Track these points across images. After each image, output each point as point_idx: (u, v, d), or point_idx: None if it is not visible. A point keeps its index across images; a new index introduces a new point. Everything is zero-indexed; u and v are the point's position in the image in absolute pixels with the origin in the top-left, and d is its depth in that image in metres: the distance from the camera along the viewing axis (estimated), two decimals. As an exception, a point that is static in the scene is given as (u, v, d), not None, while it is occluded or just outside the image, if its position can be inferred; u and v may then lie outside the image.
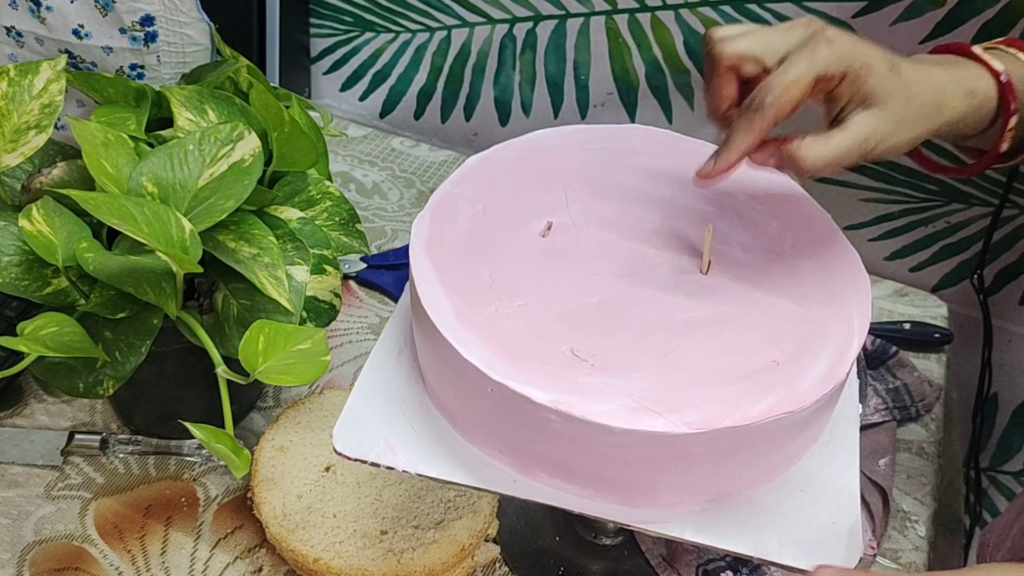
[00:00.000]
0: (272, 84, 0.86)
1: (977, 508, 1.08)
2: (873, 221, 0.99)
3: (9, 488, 0.70)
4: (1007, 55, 0.58)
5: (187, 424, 0.54)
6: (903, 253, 1.00)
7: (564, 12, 1.00)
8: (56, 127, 0.63)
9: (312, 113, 0.74)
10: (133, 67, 0.78)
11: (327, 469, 0.68)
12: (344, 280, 0.80)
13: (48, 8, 0.75)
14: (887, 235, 1.00)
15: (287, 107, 0.65)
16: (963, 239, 0.96)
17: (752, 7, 0.92)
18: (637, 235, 0.56)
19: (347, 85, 1.17)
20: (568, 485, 0.49)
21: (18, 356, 0.69)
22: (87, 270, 0.57)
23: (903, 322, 0.90)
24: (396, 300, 0.85)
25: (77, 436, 0.72)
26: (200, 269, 0.57)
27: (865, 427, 0.78)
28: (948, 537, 0.80)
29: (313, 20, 1.13)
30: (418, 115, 1.15)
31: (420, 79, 1.12)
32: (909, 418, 0.82)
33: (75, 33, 0.76)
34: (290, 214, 0.66)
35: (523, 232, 0.55)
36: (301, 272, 0.63)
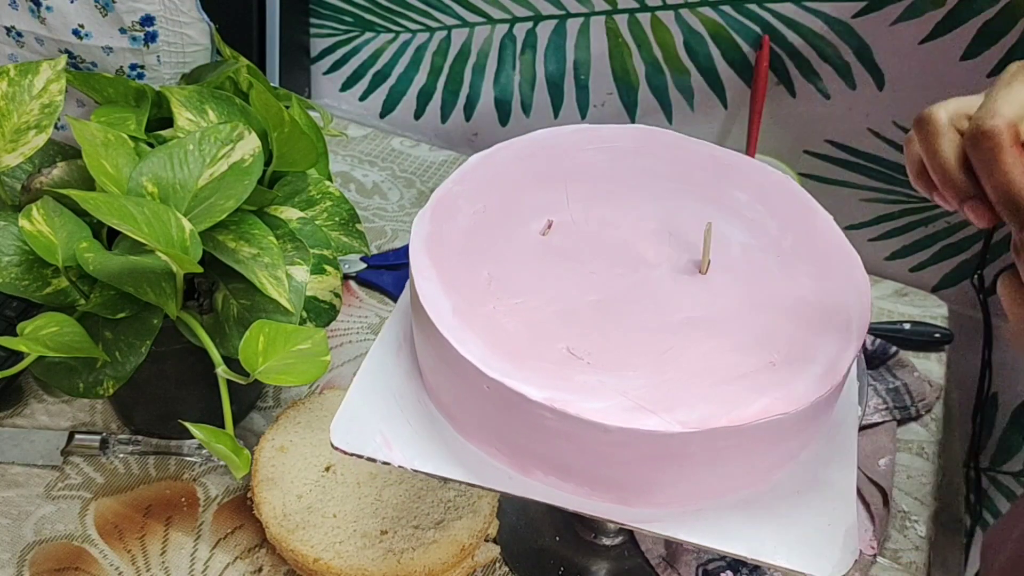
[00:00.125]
0: (272, 84, 0.87)
1: (977, 508, 1.08)
2: (873, 221, 0.99)
3: (9, 488, 0.70)
4: None
5: (187, 424, 0.54)
6: (903, 253, 1.00)
7: (564, 12, 1.00)
8: (56, 127, 0.63)
9: (312, 113, 0.74)
10: (133, 67, 0.78)
11: (327, 469, 0.68)
12: (344, 280, 0.80)
13: (48, 8, 0.75)
14: (887, 235, 1.00)
15: (287, 107, 0.65)
16: (963, 239, 0.96)
17: (752, 7, 0.92)
18: (637, 234, 0.56)
19: (347, 85, 1.17)
20: (564, 483, 0.49)
21: (18, 356, 0.69)
22: (87, 270, 0.57)
23: (903, 322, 0.90)
24: (396, 300, 0.84)
25: (77, 436, 0.72)
26: (200, 269, 0.57)
27: (865, 427, 0.78)
28: (948, 537, 0.80)
29: (313, 20, 1.13)
30: (418, 115, 1.15)
31: (420, 79, 1.12)
32: (909, 418, 0.82)
33: (75, 33, 0.76)
34: (290, 214, 0.66)
35: (523, 230, 0.55)
36: (301, 272, 0.63)
